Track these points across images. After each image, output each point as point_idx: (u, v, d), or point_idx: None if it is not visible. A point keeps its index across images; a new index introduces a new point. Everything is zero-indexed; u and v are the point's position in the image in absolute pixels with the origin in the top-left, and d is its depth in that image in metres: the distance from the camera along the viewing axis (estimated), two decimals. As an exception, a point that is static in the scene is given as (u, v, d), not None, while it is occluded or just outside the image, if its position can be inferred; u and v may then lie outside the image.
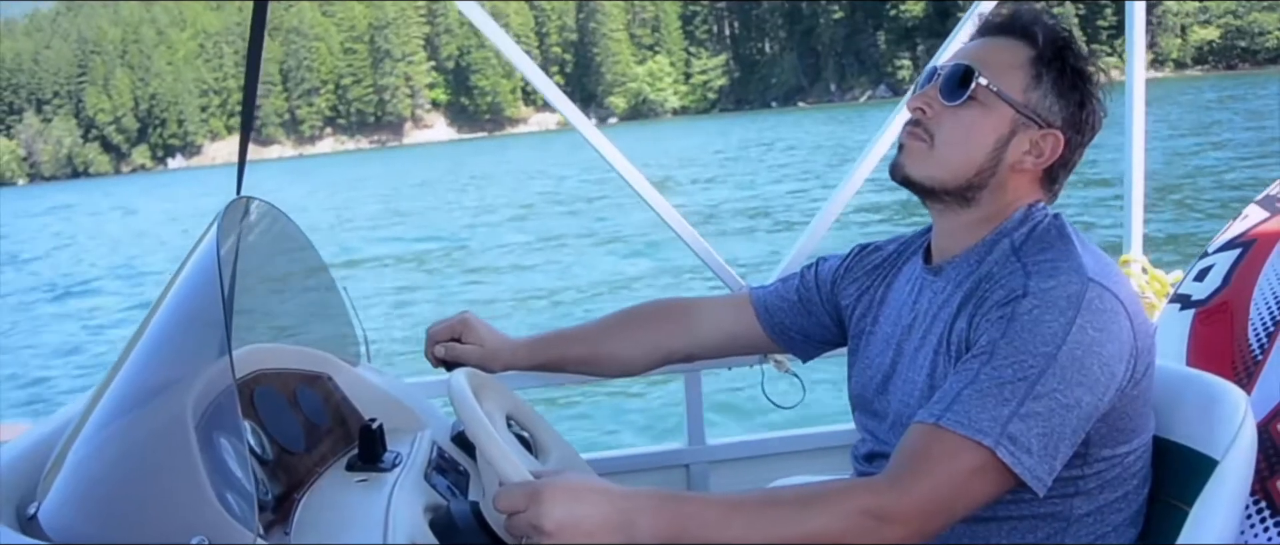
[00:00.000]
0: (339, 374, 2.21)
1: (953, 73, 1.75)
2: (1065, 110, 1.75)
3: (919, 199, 1.84)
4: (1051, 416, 1.52)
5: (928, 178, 1.78)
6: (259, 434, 1.83)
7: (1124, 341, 1.59)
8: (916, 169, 1.78)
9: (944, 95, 1.75)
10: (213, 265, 1.56)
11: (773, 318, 2.15)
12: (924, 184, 1.78)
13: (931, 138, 1.76)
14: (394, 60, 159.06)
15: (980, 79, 1.72)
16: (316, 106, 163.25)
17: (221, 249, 1.62)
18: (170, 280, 1.69)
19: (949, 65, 1.77)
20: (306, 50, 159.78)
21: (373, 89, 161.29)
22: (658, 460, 2.96)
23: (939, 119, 1.76)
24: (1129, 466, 1.71)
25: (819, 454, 2.93)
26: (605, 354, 2.19)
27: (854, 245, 2.13)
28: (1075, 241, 1.71)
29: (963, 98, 1.73)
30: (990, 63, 1.75)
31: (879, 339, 1.93)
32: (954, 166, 1.76)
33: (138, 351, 1.55)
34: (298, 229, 2.25)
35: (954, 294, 1.75)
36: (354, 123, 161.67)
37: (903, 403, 1.79)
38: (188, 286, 1.63)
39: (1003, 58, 1.75)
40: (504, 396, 2.00)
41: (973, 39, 1.84)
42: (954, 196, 1.78)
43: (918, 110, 1.78)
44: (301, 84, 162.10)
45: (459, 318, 2.16)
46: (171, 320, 1.60)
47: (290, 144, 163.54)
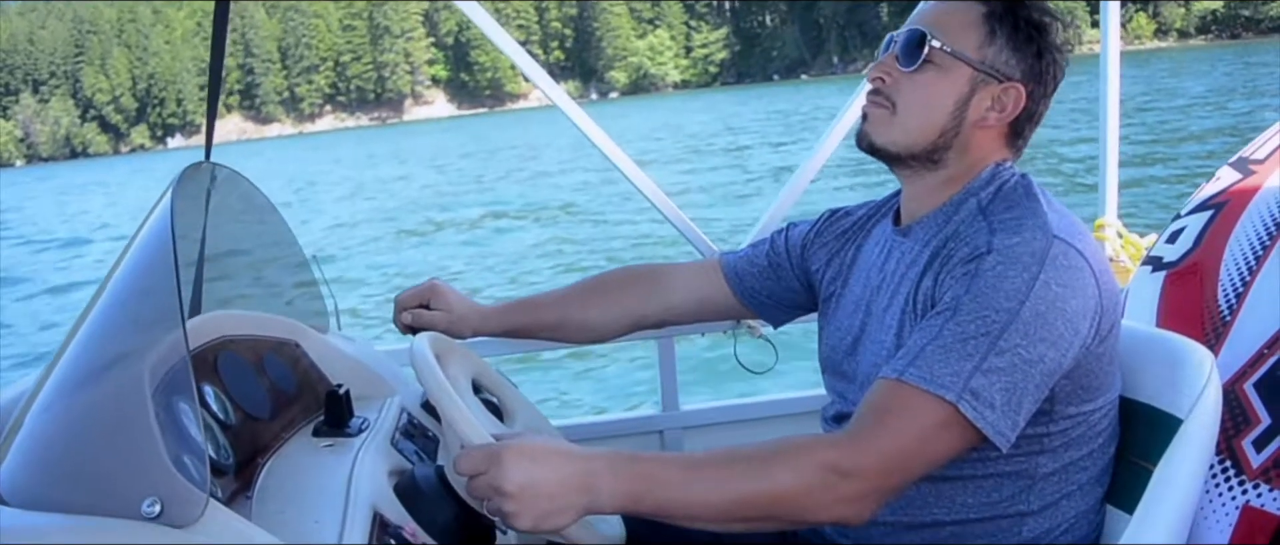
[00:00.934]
0: (307, 341, 2.21)
1: (907, 39, 1.76)
2: (1023, 63, 1.75)
3: (887, 166, 1.85)
4: (1014, 372, 1.52)
5: (892, 143, 1.78)
6: (222, 399, 1.82)
7: (1088, 298, 1.59)
8: (880, 136, 1.79)
9: (901, 62, 1.76)
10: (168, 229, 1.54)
11: (743, 283, 2.15)
12: (889, 150, 1.79)
13: (893, 104, 1.77)
14: (393, 36, 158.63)
15: (933, 42, 1.73)
16: (316, 84, 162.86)
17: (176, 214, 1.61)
18: (127, 245, 1.67)
19: (903, 32, 1.78)
20: (305, 27, 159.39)
21: (372, 66, 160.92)
22: (632, 426, 2.97)
23: (898, 85, 1.77)
24: (1094, 425, 1.71)
25: (793, 418, 2.94)
26: (575, 320, 2.19)
27: (824, 210, 2.12)
28: (1042, 200, 1.71)
29: (918, 62, 1.74)
30: (943, 24, 1.75)
31: (849, 302, 1.93)
32: (917, 130, 1.77)
33: (94, 317, 1.54)
34: (264, 197, 2.25)
35: (921, 253, 1.76)
36: (354, 100, 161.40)
37: (871, 363, 1.79)
38: (144, 251, 1.61)
39: (955, 18, 1.76)
40: (469, 361, 2.00)
41: (926, 2, 1.85)
42: (920, 160, 1.79)
43: (877, 79, 1.79)
44: (300, 61, 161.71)
45: (427, 284, 2.16)
46: (127, 285, 1.59)
47: (290, 122, 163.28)
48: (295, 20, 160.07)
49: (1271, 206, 2.25)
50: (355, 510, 1.60)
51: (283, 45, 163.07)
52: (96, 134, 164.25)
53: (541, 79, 2.92)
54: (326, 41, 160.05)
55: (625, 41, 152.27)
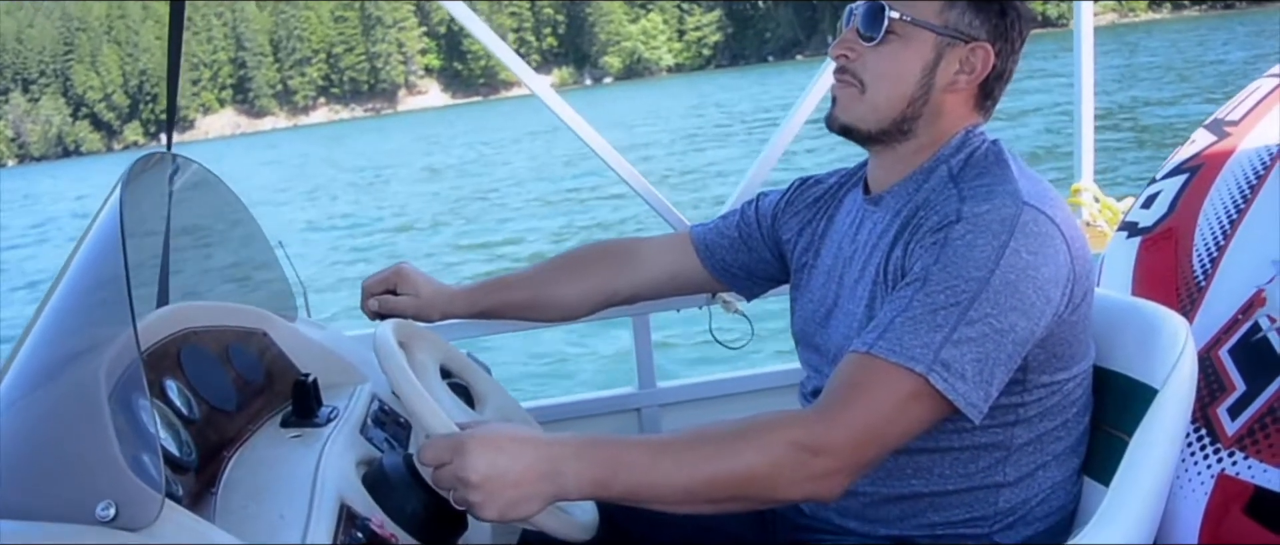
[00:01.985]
0: (274, 329, 2.19)
1: (866, 12, 1.73)
2: (986, 22, 1.72)
3: (860, 145, 1.83)
4: (985, 341, 1.49)
5: (861, 120, 1.76)
6: (186, 393, 1.79)
7: (1060, 266, 1.57)
8: (851, 115, 1.77)
9: (862, 36, 1.74)
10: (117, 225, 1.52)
11: (713, 255, 2.13)
12: (861, 129, 1.77)
13: (861, 82, 1.74)
14: (386, 27, 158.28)
15: (892, 12, 1.70)
16: (309, 76, 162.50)
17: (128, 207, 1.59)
18: (78, 240, 1.65)
19: (860, 5, 1.74)
20: (297, 19, 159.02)
21: (365, 57, 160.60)
22: (608, 405, 2.96)
23: (863, 60, 1.74)
24: (1068, 394, 1.70)
25: (771, 393, 2.92)
26: (546, 298, 2.17)
27: (794, 179, 2.10)
28: (1012, 166, 1.69)
29: (880, 34, 1.71)
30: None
31: (821, 273, 1.91)
32: (885, 104, 1.74)
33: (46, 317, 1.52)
34: (226, 187, 2.22)
35: (892, 223, 1.74)
36: (347, 91, 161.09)
37: (844, 336, 1.77)
38: (95, 247, 1.59)
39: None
40: (437, 346, 1.99)
41: None
42: (891, 134, 1.76)
43: (841, 56, 1.76)
44: (293, 54, 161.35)
45: (393, 269, 2.14)
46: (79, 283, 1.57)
47: (284, 115, 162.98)
48: (287, 12, 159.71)
49: (1245, 169, 2.23)
50: (321, 502, 1.58)
51: (274, 38, 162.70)
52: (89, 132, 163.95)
53: (517, 65, 2.89)
54: (319, 33, 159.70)
55: (618, 26, 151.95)
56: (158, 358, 1.81)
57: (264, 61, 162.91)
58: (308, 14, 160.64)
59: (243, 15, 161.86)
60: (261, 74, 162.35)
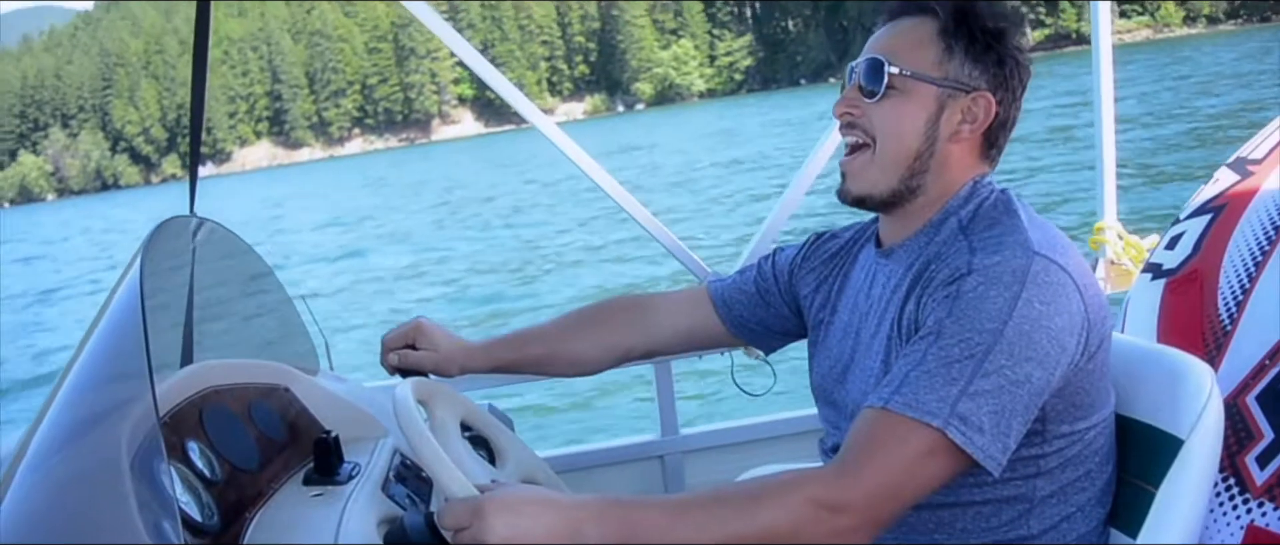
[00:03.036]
0: (296, 384, 2.19)
1: (866, 69, 1.74)
2: (986, 72, 1.73)
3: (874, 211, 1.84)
4: (1001, 393, 1.49)
5: (875, 187, 1.76)
6: (208, 455, 1.79)
7: (1074, 314, 1.56)
8: (863, 184, 1.77)
9: (866, 94, 1.75)
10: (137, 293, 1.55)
11: (731, 311, 2.12)
12: (874, 196, 1.77)
13: (872, 137, 1.75)
14: (419, 57, 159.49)
15: (891, 68, 1.71)
16: (344, 108, 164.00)
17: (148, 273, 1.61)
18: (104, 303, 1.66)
19: (861, 62, 1.76)
20: (331, 52, 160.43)
21: (399, 87, 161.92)
22: (632, 453, 2.95)
23: (867, 116, 1.75)
24: (1090, 443, 1.68)
25: (794, 439, 2.92)
26: (562, 353, 2.16)
27: (810, 234, 2.10)
28: (1022, 215, 1.68)
29: (881, 91, 1.72)
30: (898, 48, 1.74)
31: (838, 329, 1.91)
32: (894, 164, 1.74)
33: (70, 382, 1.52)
34: (246, 245, 2.24)
35: (904, 277, 1.73)
36: (382, 122, 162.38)
37: (861, 392, 1.76)
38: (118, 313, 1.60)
39: (908, 38, 1.74)
40: (457, 403, 1.99)
41: (881, 25, 1.82)
42: (902, 194, 1.76)
43: (846, 114, 1.78)
44: (328, 86, 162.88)
45: (413, 323, 2.14)
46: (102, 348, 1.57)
47: (319, 146, 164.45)
48: (321, 45, 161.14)
49: (1270, 209, 2.20)
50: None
51: (310, 70, 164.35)
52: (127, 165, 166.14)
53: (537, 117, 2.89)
54: (353, 65, 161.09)
55: (649, 53, 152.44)
56: (180, 420, 1.81)
57: (299, 93, 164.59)
58: (342, 46, 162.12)
59: (278, 48, 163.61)
60: (297, 106, 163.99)
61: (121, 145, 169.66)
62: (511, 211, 27.29)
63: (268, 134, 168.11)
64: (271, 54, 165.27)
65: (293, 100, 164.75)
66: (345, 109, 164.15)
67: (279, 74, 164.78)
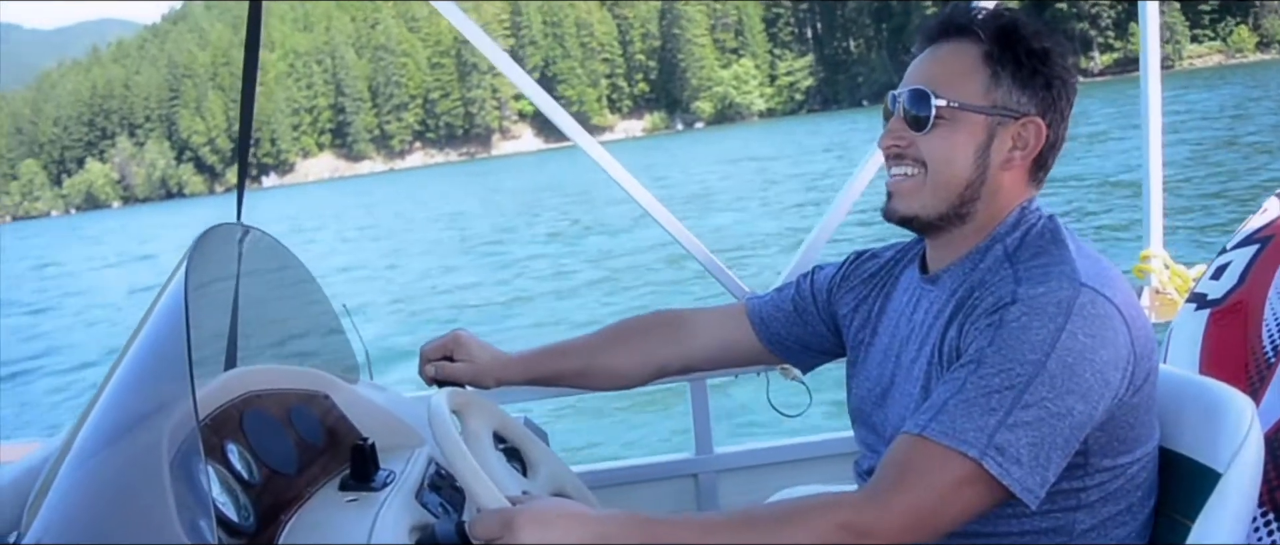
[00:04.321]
0: (336, 392, 2.23)
1: (911, 101, 1.71)
2: (1034, 95, 1.69)
3: (919, 233, 1.81)
4: (1041, 425, 1.46)
5: (924, 209, 1.72)
6: (247, 457, 1.83)
7: (1119, 348, 1.53)
8: (911, 205, 1.73)
9: (912, 125, 1.71)
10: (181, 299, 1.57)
11: (769, 329, 2.11)
12: (922, 217, 1.73)
13: (922, 165, 1.71)
14: (481, 73, 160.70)
15: (937, 100, 1.68)
16: (406, 121, 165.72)
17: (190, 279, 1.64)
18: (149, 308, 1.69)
19: (905, 93, 1.72)
20: (394, 66, 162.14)
21: (460, 102, 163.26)
22: (666, 470, 2.95)
23: (915, 147, 1.71)
24: (1132, 477, 1.64)
25: (828, 461, 2.90)
26: (600, 367, 2.16)
27: (851, 252, 2.08)
28: (1069, 245, 1.65)
29: (929, 123, 1.69)
30: (942, 77, 1.70)
31: (878, 351, 1.88)
32: (945, 190, 1.71)
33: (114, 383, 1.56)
34: (291, 254, 2.27)
35: (948, 303, 1.70)
36: (443, 136, 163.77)
37: (899, 416, 1.74)
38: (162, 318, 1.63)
39: (952, 66, 1.71)
40: (491, 414, 1.99)
41: (919, 50, 1.79)
42: (949, 220, 1.73)
43: (892, 147, 1.74)
44: (390, 99, 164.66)
45: (451, 335, 2.15)
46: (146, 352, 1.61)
47: (381, 159, 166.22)
48: (385, 59, 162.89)
49: None
50: None
51: (373, 84, 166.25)
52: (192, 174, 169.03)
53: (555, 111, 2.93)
54: (416, 79, 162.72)
55: (710, 72, 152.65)
56: (221, 422, 1.85)
57: (362, 107, 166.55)
58: (405, 60, 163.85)
59: (342, 62, 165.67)
60: (360, 119, 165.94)
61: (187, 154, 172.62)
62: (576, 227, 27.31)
63: (330, 146, 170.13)
64: (335, 67, 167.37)
65: (355, 113, 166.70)
66: (407, 122, 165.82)
67: (343, 87, 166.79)
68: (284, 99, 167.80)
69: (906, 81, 1.74)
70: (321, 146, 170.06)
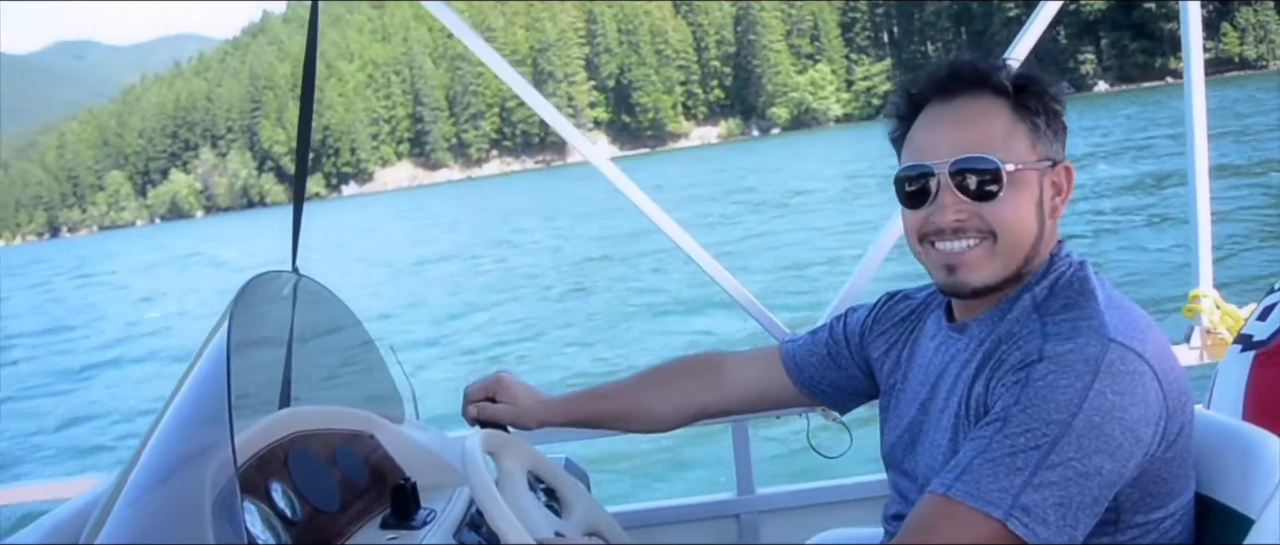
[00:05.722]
0: (381, 432, 2.29)
1: (973, 172, 1.65)
2: (1058, 139, 1.70)
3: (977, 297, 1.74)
4: (1068, 485, 1.44)
5: (995, 276, 1.68)
6: (290, 496, 1.88)
7: (1151, 404, 1.50)
8: (983, 276, 1.68)
9: (974, 197, 1.65)
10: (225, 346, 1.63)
11: (803, 373, 2.12)
12: (991, 285, 1.69)
13: (989, 236, 1.66)
14: (556, 81, 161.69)
15: (1006, 167, 1.64)
16: (483, 130, 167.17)
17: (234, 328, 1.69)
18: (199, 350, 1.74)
19: (963, 165, 1.65)
20: (472, 76, 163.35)
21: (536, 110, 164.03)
22: (708, 510, 2.96)
23: (979, 219, 1.66)
24: (1166, 532, 1.61)
25: (870, 502, 2.88)
26: (637, 410, 2.20)
27: (883, 294, 2.08)
28: (1099, 296, 1.62)
29: (999, 193, 1.64)
30: (992, 141, 1.65)
31: (908, 397, 1.87)
32: (1016, 254, 1.67)
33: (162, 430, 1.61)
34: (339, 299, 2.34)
35: (975, 354, 1.69)
36: (519, 144, 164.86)
37: (928, 466, 1.72)
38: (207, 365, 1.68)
39: (996, 127, 1.67)
40: (525, 455, 2.03)
41: (931, 109, 1.74)
42: (1013, 279, 1.69)
43: (957, 222, 1.67)
44: (468, 109, 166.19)
45: (494, 377, 2.20)
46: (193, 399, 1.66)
47: (458, 167, 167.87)
48: (463, 69, 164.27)
49: None
50: None
51: (450, 93, 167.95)
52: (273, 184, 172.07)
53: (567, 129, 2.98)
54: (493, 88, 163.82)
55: (785, 77, 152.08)
56: (266, 461, 1.90)
57: (440, 116, 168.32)
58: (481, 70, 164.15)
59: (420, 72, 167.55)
60: (437, 128, 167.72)
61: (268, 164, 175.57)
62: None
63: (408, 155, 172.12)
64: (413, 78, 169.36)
65: (433, 122, 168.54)
66: (484, 131, 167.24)
67: (421, 97, 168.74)
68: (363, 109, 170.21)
69: (949, 151, 1.66)
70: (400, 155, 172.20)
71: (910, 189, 1.71)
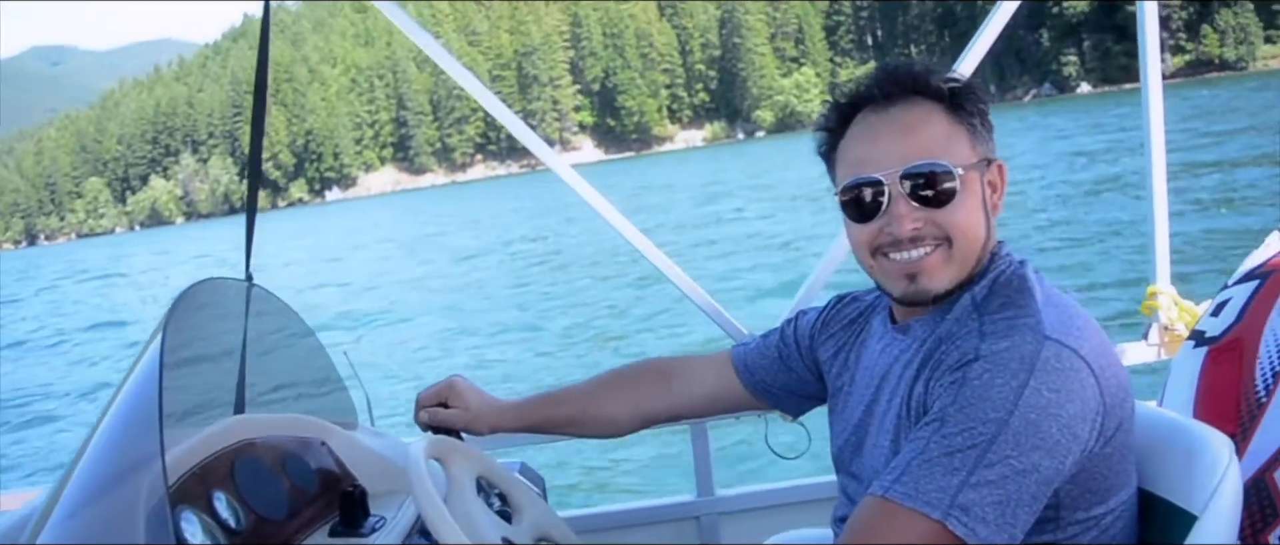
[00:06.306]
0: (333, 438, 2.27)
1: (927, 179, 1.64)
2: (990, 138, 1.71)
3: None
4: (1006, 483, 1.44)
5: (953, 280, 1.68)
6: (234, 505, 1.86)
7: (1087, 401, 1.50)
8: (942, 280, 1.67)
9: (928, 204, 1.65)
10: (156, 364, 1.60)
11: (754, 376, 2.12)
12: (952, 289, 1.69)
13: (944, 242, 1.66)
14: (541, 85, 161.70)
15: (956, 170, 1.64)
16: (467, 134, 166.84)
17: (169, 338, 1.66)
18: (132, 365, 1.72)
19: (915, 172, 1.64)
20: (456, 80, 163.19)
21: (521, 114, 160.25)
22: (667, 513, 2.96)
23: (934, 225, 1.65)
24: (1107, 529, 1.61)
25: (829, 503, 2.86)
26: (591, 415, 2.19)
27: (832, 296, 2.08)
28: (1037, 293, 1.63)
29: (953, 196, 1.64)
30: (936, 147, 1.65)
31: (855, 399, 1.87)
32: (970, 257, 1.68)
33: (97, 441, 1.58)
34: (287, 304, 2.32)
35: (916, 354, 1.69)
36: (504, 149, 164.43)
37: (873, 468, 1.72)
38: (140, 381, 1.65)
39: (937, 132, 1.66)
40: (474, 460, 2.02)
41: (865, 119, 1.73)
42: (967, 282, 1.70)
43: (913, 231, 1.65)
44: (452, 113, 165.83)
45: (446, 383, 2.19)
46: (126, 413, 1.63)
47: (442, 172, 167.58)
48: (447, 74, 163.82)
49: None
50: None
51: (434, 98, 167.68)
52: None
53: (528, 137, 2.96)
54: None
55: (770, 81, 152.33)
56: (210, 470, 1.88)
57: (424, 120, 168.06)
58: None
59: (404, 76, 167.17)
60: (421, 132, 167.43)
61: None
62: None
63: (392, 159, 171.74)
64: (397, 82, 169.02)
65: (417, 127, 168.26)
66: (468, 135, 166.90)
67: (404, 101, 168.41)
68: (346, 113, 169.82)
69: (896, 160, 1.65)
70: (384, 160, 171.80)
71: (859, 202, 1.69)
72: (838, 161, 1.75)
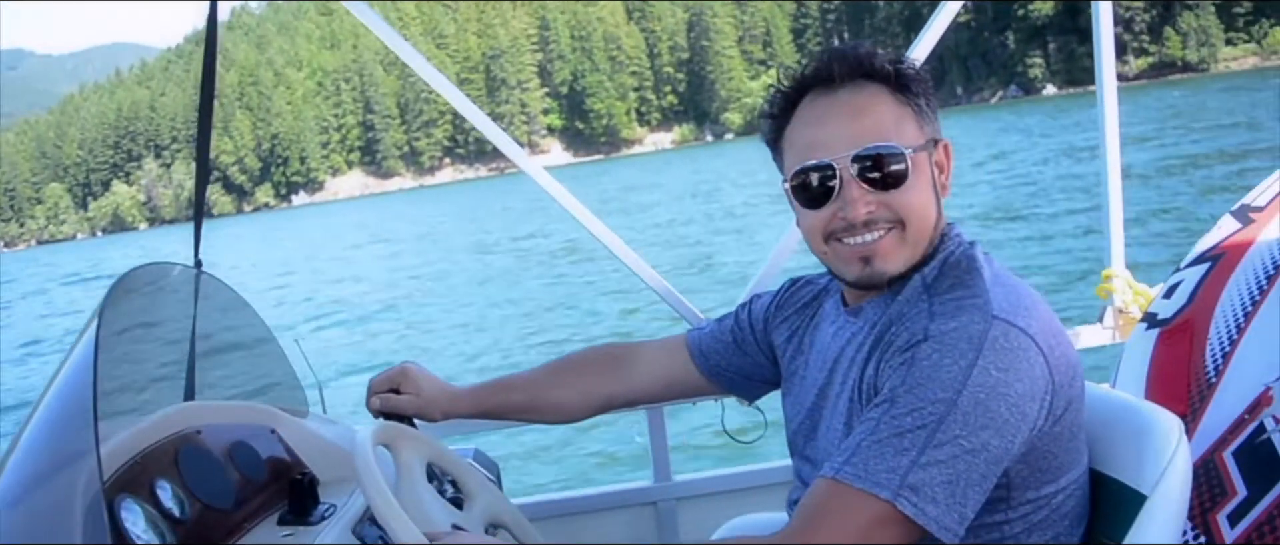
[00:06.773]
0: (283, 426, 2.24)
1: (875, 161, 1.62)
2: (935, 118, 1.71)
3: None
4: (955, 462, 1.44)
5: (907, 262, 1.67)
6: (179, 494, 1.83)
7: (1036, 380, 1.50)
8: (897, 262, 1.67)
9: (880, 186, 1.63)
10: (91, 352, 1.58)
11: (708, 361, 2.11)
12: (906, 271, 1.68)
13: (897, 224, 1.65)
14: (509, 88, 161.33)
15: (907, 151, 1.63)
16: (435, 137, 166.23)
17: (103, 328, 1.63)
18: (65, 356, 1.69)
19: (867, 154, 1.62)
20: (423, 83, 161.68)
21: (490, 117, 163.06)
22: (625, 498, 2.95)
23: (886, 208, 1.64)
24: (1058, 507, 1.62)
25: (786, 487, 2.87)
26: (545, 401, 2.17)
27: (786, 279, 2.07)
28: (985, 273, 1.63)
29: (905, 178, 1.63)
30: (886, 129, 1.64)
31: (808, 382, 1.86)
32: (922, 238, 1.68)
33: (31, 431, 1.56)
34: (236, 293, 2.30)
35: (868, 336, 1.69)
36: (472, 152, 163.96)
37: (826, 451, 1.72)
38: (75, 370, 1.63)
39: (886, 115, 1.65)
40: (425, 446, 1.99)
41: (811, 103, 1.71)
42: (922, 261, 1.69)
43: (867, 214, 1.63)
44: (419, 116, 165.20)
45: (398, 368, 2.16)
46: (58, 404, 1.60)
47: (410, 175, 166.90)
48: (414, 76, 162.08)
49: (1263, 260, 2.14)
50: None
51: (402, 101, 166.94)
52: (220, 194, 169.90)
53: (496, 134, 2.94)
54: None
55: (738, 83, 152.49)
56: (151, 460, 1.84)
57: (391, 124, 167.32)
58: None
59: (371, 79, 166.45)
60: (389, 136, 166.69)
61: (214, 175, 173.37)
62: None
63: (360, 163, 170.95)
64: (364, 85, 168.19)
65: (385, 130, 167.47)
66: (436, 139, 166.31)
67: (372, 105, 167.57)
68: (313, 117, 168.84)
69: (846, 143, 1.63)
70: (351, 164, 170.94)
71: (809, 187, 1.68)
72: (785, 148, 1.74)
